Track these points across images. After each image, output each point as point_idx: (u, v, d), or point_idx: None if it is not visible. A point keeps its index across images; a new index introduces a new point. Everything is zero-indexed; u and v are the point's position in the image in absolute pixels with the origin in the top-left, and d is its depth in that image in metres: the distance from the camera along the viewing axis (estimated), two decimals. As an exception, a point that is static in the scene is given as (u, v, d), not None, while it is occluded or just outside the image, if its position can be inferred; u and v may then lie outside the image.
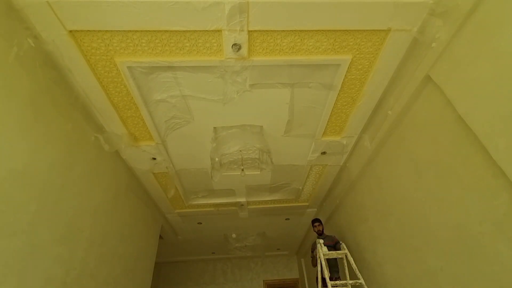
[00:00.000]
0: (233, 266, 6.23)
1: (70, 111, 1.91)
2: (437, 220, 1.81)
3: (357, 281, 2.69)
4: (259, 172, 3.12)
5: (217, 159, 2.77)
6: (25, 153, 1.53)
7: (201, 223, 4.39)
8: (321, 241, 3.10)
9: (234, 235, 5.04)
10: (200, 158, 2.78)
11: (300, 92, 2.10)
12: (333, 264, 3.19)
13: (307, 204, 3.99)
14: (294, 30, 1.65)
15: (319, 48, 1.77)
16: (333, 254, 2.98)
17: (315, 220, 3.60)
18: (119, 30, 1.58)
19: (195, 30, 1.60)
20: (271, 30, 1.64)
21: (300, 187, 3.52)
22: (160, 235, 3.93)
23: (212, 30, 1.60)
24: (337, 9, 1.53)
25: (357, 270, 2.78)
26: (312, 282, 3.40)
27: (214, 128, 2.39)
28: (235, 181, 3.26)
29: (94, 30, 1.57)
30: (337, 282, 2.77)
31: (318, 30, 1.66)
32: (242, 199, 3.72)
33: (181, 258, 6.04)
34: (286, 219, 4.50)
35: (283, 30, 1.65)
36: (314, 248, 3.41)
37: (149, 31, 1.59)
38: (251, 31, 1.63)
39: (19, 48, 1.47)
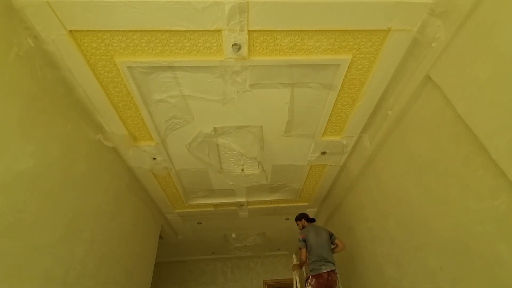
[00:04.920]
0: (233, 266, 6.22)
1: (70, 111, 1.91)
2: (437, 220, 1.81)
3: None
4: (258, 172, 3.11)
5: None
6: (25, 153, 1.53)
7: (201, 223, 4.39)
8: None
9: (234, 235, 5.04)
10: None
11: (300, 92, 2.10)
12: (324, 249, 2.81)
13: (307, 204, 3.99)
14: (294, 30, 1.65)
15: (319, 48, 1.77)
16: None
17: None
18: (119, 30, 1.58)
19: (195, 30, 1.60)
20: (271, 30, 1.64)
21: (300, 187, 3.52)
22: (160, 235, 3.93)
23: (212, 30, 1.60)
24: (337, 9, 1.53)
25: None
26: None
27: (214, 128, 2.39)
28: (235, 181, 3.26)
29: (94, 30, 1.57)
30: None
31: (318, 30, 1.66)
32: (242, 199, 3.72)
33: (181, 258, 6.03)
34: (286, 219, 4.49)
35: (283, 30, 1.64)
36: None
37: (149, 31, 1.59)
38: (251, 31, 1.63)
39: (19, 48, 1.47)
